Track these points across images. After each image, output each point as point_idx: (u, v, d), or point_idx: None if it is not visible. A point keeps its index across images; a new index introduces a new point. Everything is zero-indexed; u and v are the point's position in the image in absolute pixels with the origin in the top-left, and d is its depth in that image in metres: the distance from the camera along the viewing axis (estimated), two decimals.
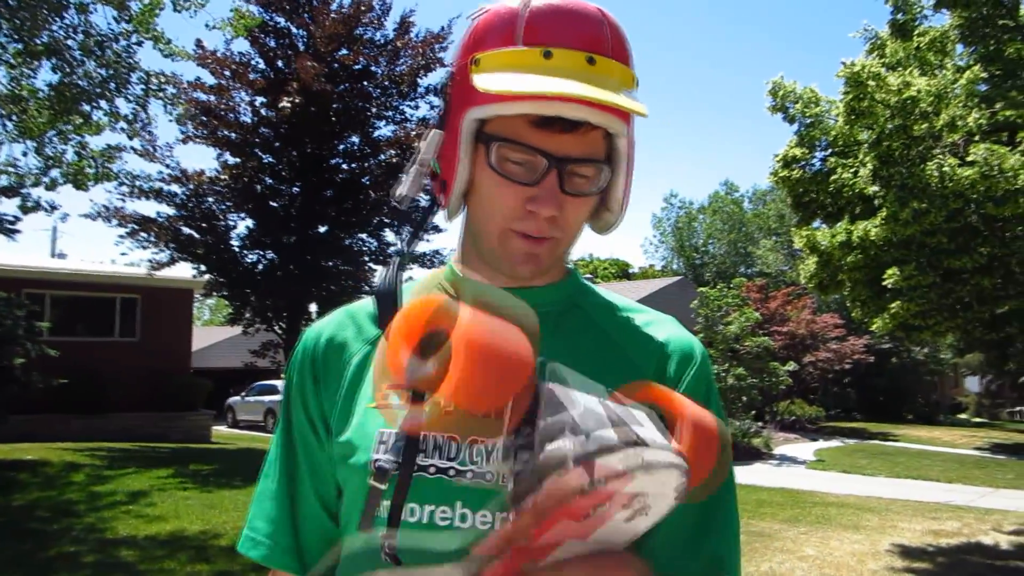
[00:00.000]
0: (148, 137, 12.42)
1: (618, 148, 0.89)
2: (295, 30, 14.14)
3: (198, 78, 13.74)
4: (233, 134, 13.69)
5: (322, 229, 14.47)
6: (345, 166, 14.70)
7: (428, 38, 14.01)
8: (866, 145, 6.26)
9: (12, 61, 8.32)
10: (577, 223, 0.90)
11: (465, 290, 0.63)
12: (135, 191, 13.14)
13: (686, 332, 0.97)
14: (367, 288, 13.92)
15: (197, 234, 13.86)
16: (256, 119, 13.86)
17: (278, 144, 13.94)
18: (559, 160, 0.84)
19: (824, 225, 7.45)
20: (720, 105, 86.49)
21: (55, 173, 9.06)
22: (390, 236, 14.92)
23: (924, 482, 12.90)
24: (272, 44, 14.05)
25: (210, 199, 14.06)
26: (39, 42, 8.09)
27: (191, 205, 13.81)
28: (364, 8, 13.75)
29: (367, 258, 14.93)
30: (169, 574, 5.60)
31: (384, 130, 14.64)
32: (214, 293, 15.43)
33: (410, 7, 17.57)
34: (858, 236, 6.29)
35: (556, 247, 0.90)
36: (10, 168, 9.06)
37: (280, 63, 13.96)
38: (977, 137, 5.69)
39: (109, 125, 8.98)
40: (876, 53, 7.00)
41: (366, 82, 14.09)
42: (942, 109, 5.62)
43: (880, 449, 18.42)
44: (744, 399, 16.23)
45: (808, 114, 7.04)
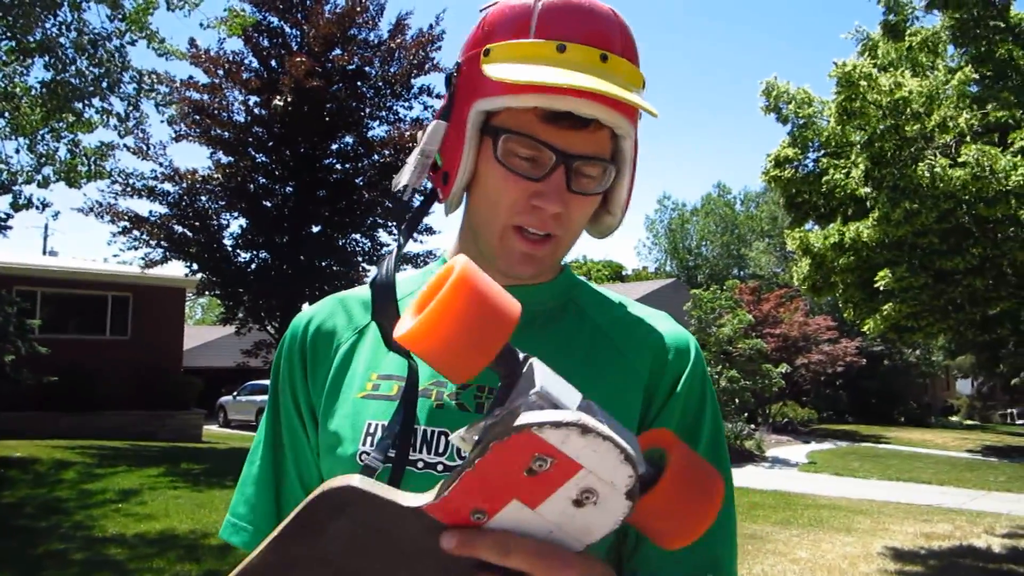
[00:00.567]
0: (141, 135, 12.43)
1: (623, 150, 0.88)
2: (289, 29, 14.15)
3: (191, 77, 13.71)
4: (226, 133, 13.67)
5: (315, 229, 14.45)
6: (339, 166, 14.69)
7: (421, 38, 14.01)
8: (858, 146, 6.28)
9: (5, 58, 8.30)
10: (580, 222, 0.89)
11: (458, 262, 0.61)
12: (128, 189, 13.13)
13: (680, 327, 0.96)
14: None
15: (190, 233, 13.82)
16: (249, 118, 13.85)
17: (271, 143, 13.93)
18: (567, 156, 0.83)
19: (817, 227, 7.47)
20: (712, 106, 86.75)
21: (47, 171, 9.04)
22: (384, 236, 14.95)
23: (916, 485, 12.94)
24: (265, 43, 14.04)
25: (203, 198, 14.03)
26: (32, 39, 8.07)
27: (184, 204, 13.77)
28: (359, 9, 13.75)
29: (360, 258, 14.92)
30: (158, 573, 5.57)
31: (378, 130, 14.66)
32: (206, 292, 15.38)
33: (406, 9, 17.64)
34: (850, 237, 6.30)
35: (556, 247, 0.88)
36: (2, 165, 9.02)
37: (273, 62, 13.95)
38: (968, 138, 5.71)
39: (102, 123, 8.97)
40: (868, 54, 7.02)
41: (360, 82, 14.08)
42: (934, 110, 5.63)
43: (872, 452, 18.48)
44: (737, 401, 16.26)
45: (801, 115, 7.05)
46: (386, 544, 0.62)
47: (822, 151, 7.12)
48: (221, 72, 13.52)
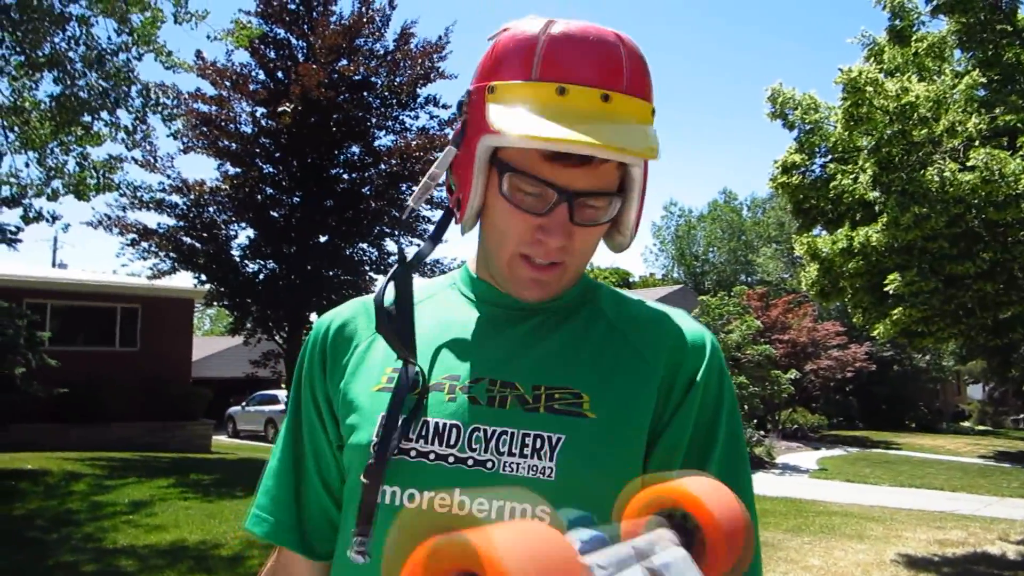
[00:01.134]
0: (149, 148, 12.50)
1: (632, 176, 0.89)
2: (295, 41, 14.22)
3: (198, 89, 13.80)
4: (234, 144, 13.73)
5: (323, 239, 14.47)
6: (345, 176, 14.73)
7: (427, 48, 14.07)
8: (866, 151, 6.27)
9: (14, 73, 8.36)
10: (586, 250, 0.91)
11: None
12: (136, 202, 13.20)
13: (697, 324, 0.97)
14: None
15: (198, 244, 13.89)
16: (256, 129, 13.91)
17: (279, 154, 13.98)
18: (569, 194, 0.84)
19: (825, 232, 7.45)
20: (718, 112, 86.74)
21: (57, 184, 9.09)
22: (391, 246, 14.97)
23: (928, 491, 12.83)
24: (272, 55, 14.12)
25: (211, 209, 14.09)
26: (41, 54, 8.13)
27: (192, 215, 13.84)
28: (365, 20, 13.82)
29: (368, 268, 14.94)
30: None
31: (384, 140, 14.70)
32: (215, 303, 15.44)
33: (412, 19, 17.72)
34: (859, 242, 6.29)
35: (564, 273, 0.91)
36: (12, 179, 9.09)
37: (280, 74, 14.03)
38: (977, 142, 5.69)
39: (110, 136, 9.03)
40: (874, 59, 7.02)
41: (366, 92, 14.14)
42: (941, 114, 5.62)
43: (883, 458, 18.36)
44: (746, 408, 16.20)
45: (807, 120, 7.04)
46: None
47: (829, 156, 7.11)
48: (228, 84, 13.61)
